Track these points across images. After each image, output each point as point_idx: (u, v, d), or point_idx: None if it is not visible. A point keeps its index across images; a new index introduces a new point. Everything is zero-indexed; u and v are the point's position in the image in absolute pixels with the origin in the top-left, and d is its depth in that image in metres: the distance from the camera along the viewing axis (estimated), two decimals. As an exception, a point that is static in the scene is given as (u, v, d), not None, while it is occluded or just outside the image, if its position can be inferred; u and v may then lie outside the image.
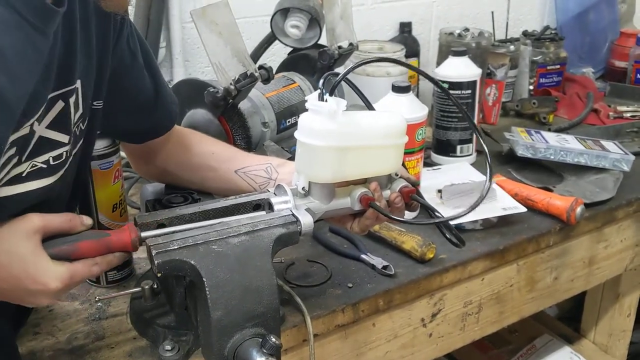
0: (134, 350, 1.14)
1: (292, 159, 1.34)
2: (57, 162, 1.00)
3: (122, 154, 1.31)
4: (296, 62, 1.79)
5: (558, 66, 2.37)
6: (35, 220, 0.93)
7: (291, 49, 1.82)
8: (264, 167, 1.25)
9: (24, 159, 0.94)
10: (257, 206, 1.09)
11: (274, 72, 1.62)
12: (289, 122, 1.66)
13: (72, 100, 1.00)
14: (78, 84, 1.01)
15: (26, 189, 0.96)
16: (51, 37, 0.90)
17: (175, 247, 0.94)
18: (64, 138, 1.01)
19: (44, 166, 0.98)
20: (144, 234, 1.00)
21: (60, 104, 0.98)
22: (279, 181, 1.22)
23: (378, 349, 1.37)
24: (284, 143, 1.62)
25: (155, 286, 1.13)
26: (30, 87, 0.88)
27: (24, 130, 0.92)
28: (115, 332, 1.18)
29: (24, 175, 0.95)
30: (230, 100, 1.46)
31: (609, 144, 1.86)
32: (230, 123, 1.53)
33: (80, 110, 1.03)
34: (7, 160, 0.90)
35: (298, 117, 1.67)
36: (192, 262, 0.93)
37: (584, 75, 2.54)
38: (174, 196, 1.20)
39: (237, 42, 1.44)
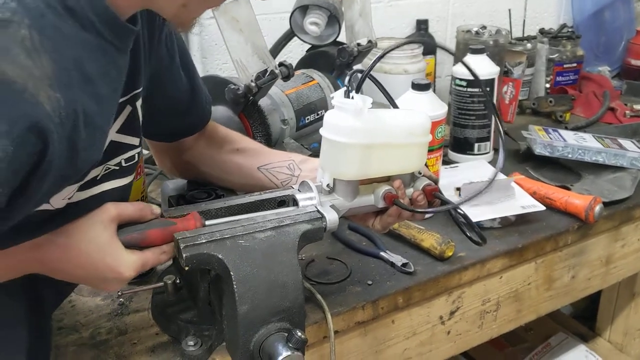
0: (156, 345, 1.15)
1: (312, 156, 1.34)
2: (129, 163, 1.04)
3: (144, 150, 1.32)
4: (315, 59, 1.80)
5: (575, 64, 2.37)
6: (112, 210, 0.96)
7: (309, 46, 1.82)
8: (287, 163, 1.25)
9: (97, 163, 0.96)
10: (281, 202, 1.10)
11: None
12: (307, 119, 1.66)
13: (138, 103, 1.04)
14: (142, 87, 1.04)
15: (101, 190, 1.00)
16: (129, 53, 0.93)
17: (203, 241, 0.94)
18: (134, 141, 1.04)
19: (117, 168, 1.02)
20: (208, 222, 1.01)
21: (128, 109, 1.01)
22: (302, 178, 1.22)
23: (397, 346, 1.38)
24: (303, 140, 1.62)
25: (177, 281, 1.14)
26: (115, 105, 0.92)
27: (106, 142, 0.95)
28: (138, 327, 1.19)
29: (98, 178, 0.99)
30: (251, 98, 1.46)
31: (626, 143, 1.86)
32: (251, 120, 1.53)
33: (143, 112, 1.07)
34: None
35: (317, 114, 1.68)
36: (220, 256, 0.93)
37: (600, 74, 2.54)
38: (198, 192, 1.21)
39: (258, 39, 1.45)
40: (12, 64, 0.71)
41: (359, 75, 1.03)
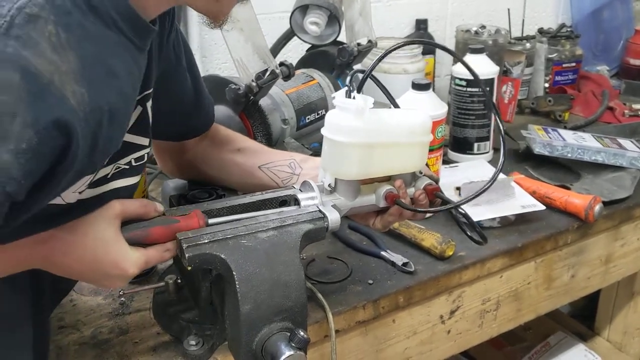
0: (158, 345, 1.15)
1: (313, 155, 1.35)
2: (138, 163, 1.05)
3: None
4: (315, 58, 1.80)
5: (573, 64, 2.37)
6: (116, 206, 0.96)
7: (309, 45, 1.82)
8: (288, 162, 1.26)
9: (107, 162, 0.97)
10: (283, 202, 1.10)
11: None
12: (308, 119, 1.66)
13: (148, 104, 1.05)
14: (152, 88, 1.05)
15: (111, 188, 1.01)
16: (146, 53, 0.94)
17: (206, 241, 0.95)
18: (144, 141, 1.05)
19: (127, 167, 1.03)
20: (211, 221, 1.01)
21: (139, 109, 1.02)
22: (303, 176, 1.22)
23: (397, 345, 1.38)
24: (303, 140, 1.62)
25: (179, 281, 1.14)
26: (134, 102, 0.93)
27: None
28: (139, 327, 1.19)
29: (108, 177, 1.00)
30: (251, 97, 1.46)
31: (626, 142, 1.86)
32: (251, 120, 1.53)
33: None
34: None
35: (317, 114, 1.68)
36: (222, 256, 0.94)
37: (598, 73, 2.54)
38: (199, 191, 1.21)
39: (258, 39, 1.45)
40: (39, 57, 0.72)
41: (360, 75, 1.04)
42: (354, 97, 1.00)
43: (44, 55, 0.73)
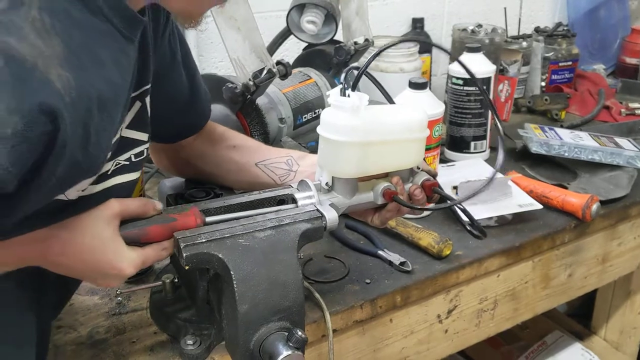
0: (155, 344, 1.14)
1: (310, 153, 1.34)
2: (138, 158, 1.05)
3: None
4: (312, 57, 1.80)
5: (570, 63, 2.37)
6: (115, 205, 0.95)
7: (306, 44, 1.82)
8: (285, 159, 1.25)
9: (109, 158, 0.96)
10: (280, 201, 1.10)
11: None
12: (305, 117, 1.66)
13: (147, 99, 1.04)
14: (150, 83, 1.04)
15: (111, 184, 1.00)
16: (137, 45, 0.93)
17: (203, 241, 0.94)
18: (143, 137, 1.05)
19: (127, 163, 1.02)
20: (208, 219, 1.01)
21: (137, 104, 1.02)
22: (300, 173, 1.22)
23: (395, 344, 1.38)
24: (301, 139, 1.62)
25: (175, 280, 1.13)
26: (126, 94, 0.91)
27: (117, 135, 0.95)
28: (136, 326, 1.19)
29: (109, 173, 0.99)
30: (249, 96, 1.46)
31: (622, 141, 1.86)
32: (248, 119, 1.53)
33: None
34: None
35: (314, 112, 1.68)
36: (220, 256, 0.93)
37: (595, 72, 2.54)
38: (197, 190, 1.20)
39: (255, 38, 1.45)
40: (22, 42, 0.71)
41: (355, 72, 1.03)
42: (348, 95, 1.00)
43: (27, 39, 0.72)
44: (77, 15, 0.79)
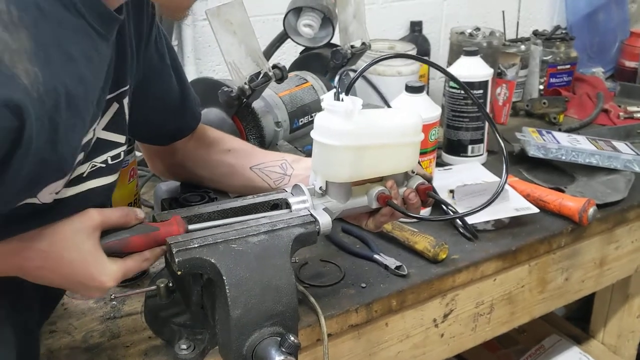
0: (149, 349, 1.14)
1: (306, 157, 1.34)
2: (115, 161, 1.03)
3: (137, 152, 1.31)
4: (309, 61, 1.79)
5: (568, 66, 2.37)
6: (95, 217, 0.94)
7: (303, 48, 1.82)
8: (279, 163, 1.25)
9: (83, 159, 0.95)
10: (274, 206, 1.10)
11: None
12: (301, 121, 1.66)
13: (125, 101, 1.03)
14: (129, 84, 1.03)
15: (87, 187, 0.98)
16: (111, 43, 0.92)
17: (196, 246, 0.94)
18: (120, 139, 1.03)
19: (103, 166, 1.00)
20: (191, 227, 1.00)
21: (115, 106, 1.00)
22: (294, 177, 1.22)
23: (390, 349, 1.38)
24: (297, 142, 1.62)
25: (170, 284, 1.13)
26: (97, 92, 0.89)
27: (90, 135, 0.93)
28: (131, 330, 1.19)
29: (84, 175, 0.97)
30: (244, 100, 1.46)
31: (620, 145, 1.86)
32: (244, 122, 1.53)
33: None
34: (76, 164, 0.92)
35: (311, 116, 1.68)
36: (213, 261, 0.93)
37: (593, 75, 2.54)
38: (191, 195, 1.20)
39: (251, 42, 1.44)
40: None
41: (351, 74, 1.03)
42: (342, 100, 1.00)
43: None
44: (48, 8, 0.77)
